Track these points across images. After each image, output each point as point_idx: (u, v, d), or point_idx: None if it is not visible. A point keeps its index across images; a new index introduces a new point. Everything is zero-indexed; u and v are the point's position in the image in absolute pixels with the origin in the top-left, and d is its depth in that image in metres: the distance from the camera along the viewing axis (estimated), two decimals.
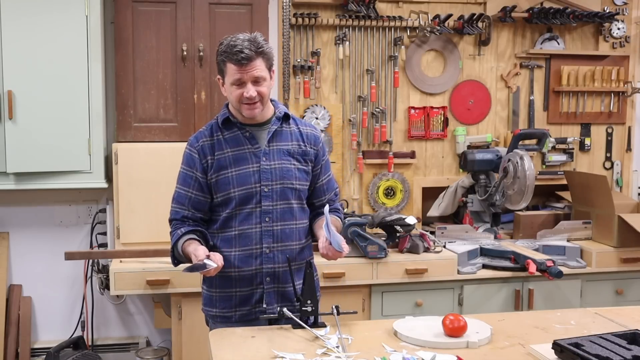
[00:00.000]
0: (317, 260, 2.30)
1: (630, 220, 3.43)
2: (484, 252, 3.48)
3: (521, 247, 3.49)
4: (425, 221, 3.95)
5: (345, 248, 2.05)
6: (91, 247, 3.61)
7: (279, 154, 2.18)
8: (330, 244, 2.04)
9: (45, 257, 3.59)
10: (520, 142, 3.71)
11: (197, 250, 2.05)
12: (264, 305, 2.14)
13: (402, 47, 3.81)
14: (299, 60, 3.72)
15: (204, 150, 2.18)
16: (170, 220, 2.24)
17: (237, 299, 2.20)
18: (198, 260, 2.01)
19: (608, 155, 4.20)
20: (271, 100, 2.23)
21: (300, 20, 3.66)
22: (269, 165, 2.16)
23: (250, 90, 2.07)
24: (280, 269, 2.18)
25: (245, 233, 2.17)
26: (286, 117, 2.23)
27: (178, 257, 2.20)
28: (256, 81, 2.08)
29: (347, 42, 3.75)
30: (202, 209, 2.21)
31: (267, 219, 2.16)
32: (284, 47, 3.65)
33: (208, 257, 2.02)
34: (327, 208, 2.05)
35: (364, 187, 3.87)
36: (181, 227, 2.18)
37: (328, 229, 2.02)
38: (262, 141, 2.18)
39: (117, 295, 3.61)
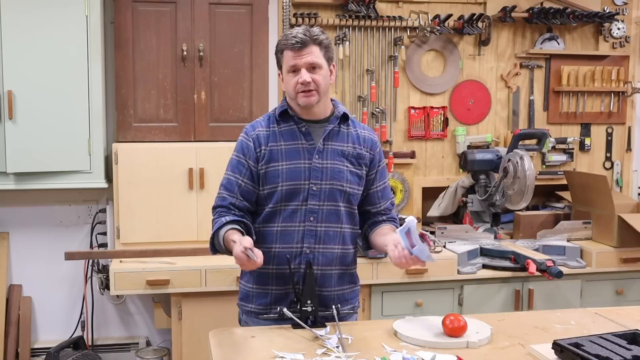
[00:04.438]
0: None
1: (630, 220, 3.43)
2: (484, 252, 3.48)
3: (521, 247, 3.49)
4: (425, 221, 3.95)
5: (433, 257, 1.96)
6: (91, 247, 3.61)
7: (332, 153, 2.13)
8: (411, 253, 1.93)
9: (45, 257, 3.59)
10: (520, 142, 3.71)
11: (243, 240, 1.92)
12: (299, 307, 2.06)
13: (402, 47, 3.81)
14: None
15: (259, 139, 2.13)
16: (215, 207, 2.15)
17: (273, 297, 2.14)
18: (242, 249, 1.88)
19: (608, 155, 4.20)
20: (332, 100, 2.19)
21: (300, 20, 3.65)
22: (321, 164, 2.11)
23: (304, 75, 2.03)
24: (318, 271, 2.11)
25: (287, 230, 2.11)
26: (345, 118, 2.18)
27: (217, 246, 2.09)
28: (311, 67, 2.05)
29: (347, 42, 3.75)
30: (250, 199, 2.14)
31: (311, 219, 2.10)
32: None
33: (250, 249, 1.89)
34: (411, 219, 1.95)
35: None
36: (226, 215, 2.09)
37: (409, 235, 1.93)
38: (318, 138, 2.13)
39: (117, 295, 3.61)
